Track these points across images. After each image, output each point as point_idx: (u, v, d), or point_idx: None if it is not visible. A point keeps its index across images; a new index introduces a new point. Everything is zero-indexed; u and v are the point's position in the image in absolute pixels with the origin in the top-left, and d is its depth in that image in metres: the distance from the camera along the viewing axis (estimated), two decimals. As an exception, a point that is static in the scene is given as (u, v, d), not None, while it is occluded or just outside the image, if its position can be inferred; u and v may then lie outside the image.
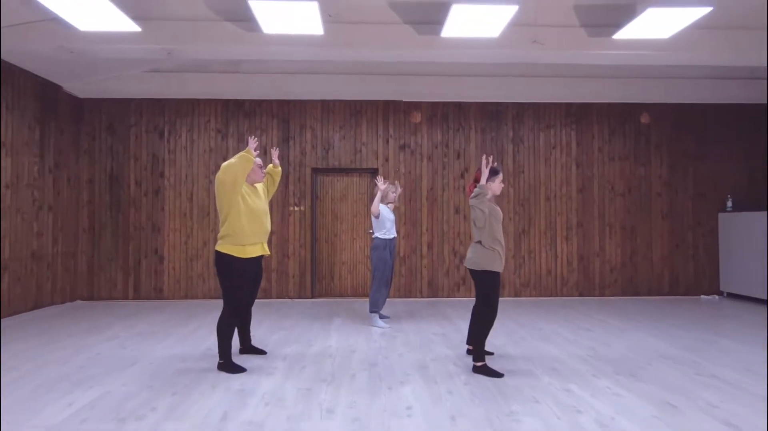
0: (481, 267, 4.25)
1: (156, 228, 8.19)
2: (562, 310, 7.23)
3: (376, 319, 6.13)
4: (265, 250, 4.54)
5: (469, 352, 4.67)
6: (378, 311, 6.13)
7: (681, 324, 6.22)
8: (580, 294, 8.44)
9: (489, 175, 4.30)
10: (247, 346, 4.83)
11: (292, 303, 7.92)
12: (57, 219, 7.56)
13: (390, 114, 8.42)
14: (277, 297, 8.20)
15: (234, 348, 4.78)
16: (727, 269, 8.37)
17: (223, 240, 4.34)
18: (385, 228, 6.09)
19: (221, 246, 4.34)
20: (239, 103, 8.30)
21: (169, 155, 8.24)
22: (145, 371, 4.32)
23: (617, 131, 8.58)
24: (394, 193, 6.29)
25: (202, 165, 8.25)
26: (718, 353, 4.89)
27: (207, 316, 6.74)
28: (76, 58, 6.49)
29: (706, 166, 8.60)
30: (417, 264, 8.34)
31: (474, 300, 4.64)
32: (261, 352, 4.84)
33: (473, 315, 4.48)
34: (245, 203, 4.35)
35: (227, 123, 8.30)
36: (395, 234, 6.21)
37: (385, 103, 8.41)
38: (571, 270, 8.45)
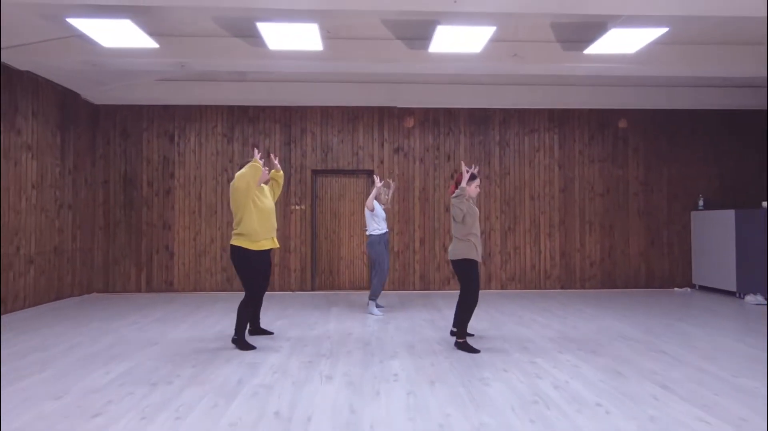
0: (460, 256, 4.87)
1: (167, 226, 8.80)
2: (543, 301, 7.85)
3: (372, 307, 6.74)
4: (274, 243, 5.19)
5: (453, 334, 5.28)
6: (376, 299, 6.76)
7: (648, 312, 6.83)
8: (562, 287, 9.06)
9: (468, 179, 4.93)
10: (256, 328, 5.46)
11: (293, 295, 8.53)
12: (76, 217, 8.17)
13: (385, 119, 9.04)
14: (280, 290, 8.81)
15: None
16: (698, 263, 8.99)
17: (238, 236, 4.98)
18: (378, 225, 6.70)
19: (235, 240, 4.98)
20: (244, 109, 8.91)
21: (178, 158, 8.85)
22: (166, 349, 4.93)
23: (597, 135, 9.20)
24: (387, 195, 6.92)
25: (210, 167, 8.86)
26: (673, 335, 5.51)
27: (215, 306, 7.35)
28: (94, 68, 7.10)
29: (679, 168, 9.22)
30: (410, 259, 8.96)
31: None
32: (269, 333, 5.48)
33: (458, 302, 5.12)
34: (255, 205, 5.00)
35: (233, 128, 8.91)
36: (387, 229, 6.82)
37: (380, 109, 9.02)
38: (553, 264, 9.07)
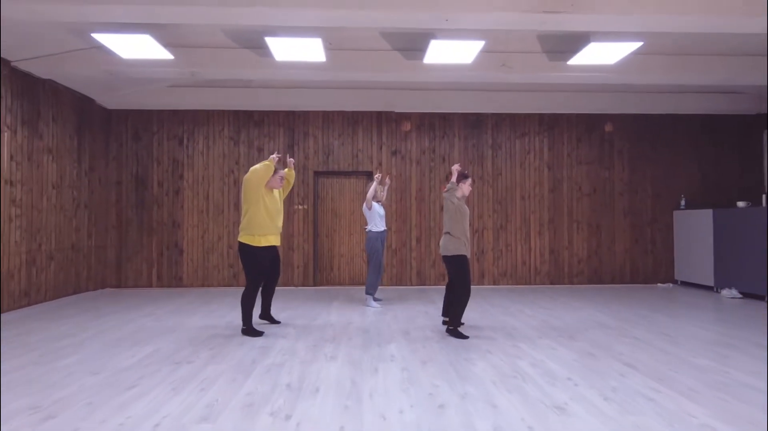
0: (452, 252, 5.36)
1: (176, 224, 9.28)
2: (532, 295, 8.34)
3: (370, 300, 7.22)
4: (276, 241, 5.64)
5: (444, 323, 5.77)
6: (373, 293, 7.24)
7: (629, 305, 7.33)
8: (551, 283, 9.55)
9: (460, 179, 5.44)
10: (266, 313, 5.97)
11: (296, 290, 9.02)
12: (91, 216, 8.65)
13: (383, 123, 9.53)
14: (284, 285, 9.29)
15: (254, 317, 5.86)
16: (680, 260, 9.49)
17: (243, 231, 5.46)
18: (376, 223, 7.19)
19: (241, 237, 5.48)
20: (249, 114, 9.40)
21: (187, 159, 9.33)
22: (183, 335, 5.41)
23: (584, 138, 9.70)
24: (383, 192, 7.41)
25: (217, 168, 9.34)
26: (648, 323, 6.01)
27: (223, 300, 7.83)
28: (110, 76, 7.58)
29: (662, 169, 9.72)
30: (407, 256, 9.45)
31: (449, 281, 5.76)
32: (276, 322, 5.97)
33: (447, 290, 5.64)
34: (263, 202, 5.46)
35: (239, 131, 9.40)
36: (385, 227, 7.31)
37: (379, 114, 9.52)
38: (543, 261, 9.57)
